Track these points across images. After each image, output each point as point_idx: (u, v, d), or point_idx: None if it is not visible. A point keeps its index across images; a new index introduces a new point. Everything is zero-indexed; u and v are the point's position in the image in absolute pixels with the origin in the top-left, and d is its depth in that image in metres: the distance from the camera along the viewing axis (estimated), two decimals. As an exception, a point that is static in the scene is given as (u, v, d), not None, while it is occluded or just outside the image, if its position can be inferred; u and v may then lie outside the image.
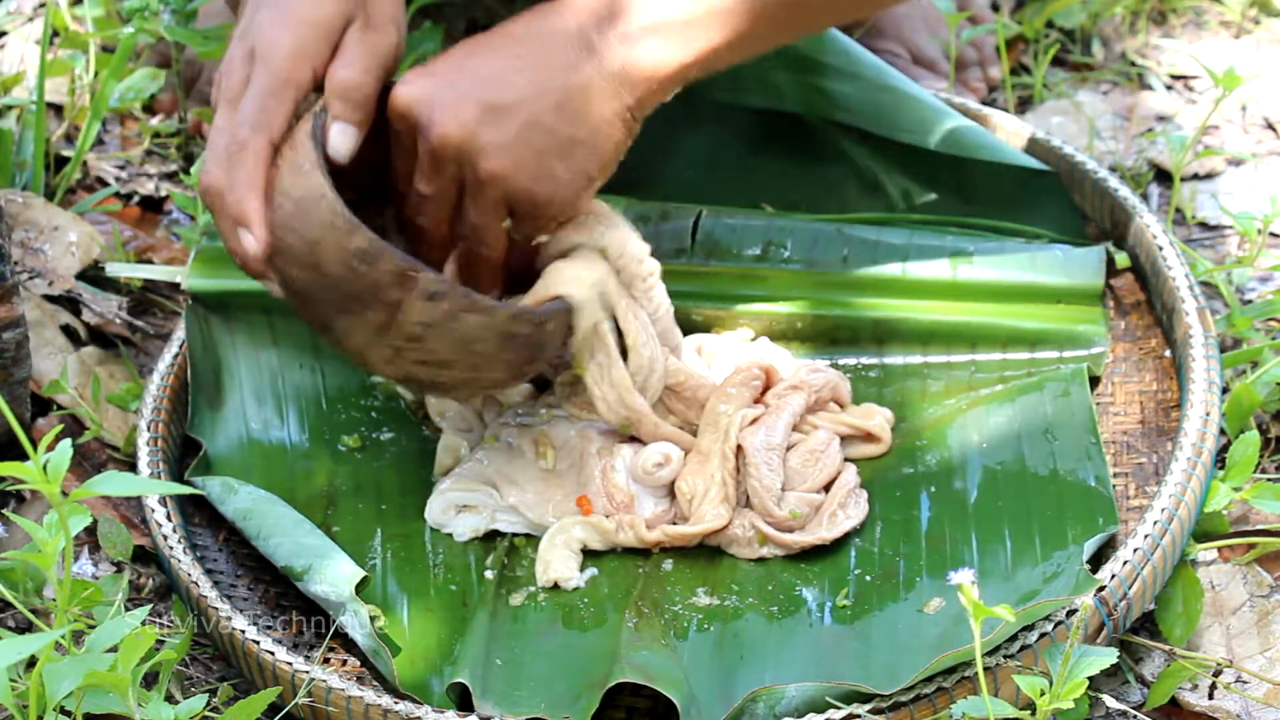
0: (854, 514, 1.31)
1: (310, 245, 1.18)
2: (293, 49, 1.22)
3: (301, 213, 1.18)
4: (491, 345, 1.21)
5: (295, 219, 1.18)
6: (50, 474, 1.02)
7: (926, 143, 1.50)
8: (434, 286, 1.17)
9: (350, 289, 1.18)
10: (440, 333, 1.19)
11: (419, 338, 1.19)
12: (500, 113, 1.21)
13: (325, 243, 1.17)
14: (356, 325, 1.19)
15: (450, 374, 1.22)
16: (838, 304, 1.43)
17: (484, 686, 1.19)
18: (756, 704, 1.17)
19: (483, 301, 1.19)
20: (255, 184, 1.20)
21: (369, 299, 1.18)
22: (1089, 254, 1.44)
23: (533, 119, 1.21)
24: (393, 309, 1.18)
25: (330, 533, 1.31)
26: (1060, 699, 1.08)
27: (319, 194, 1.17)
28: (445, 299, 1.18)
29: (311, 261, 1.18)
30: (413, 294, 1.17)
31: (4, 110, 1.65)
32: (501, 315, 1.20)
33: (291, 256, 1.19)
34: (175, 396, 1.39)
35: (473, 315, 1.19)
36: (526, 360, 1.25)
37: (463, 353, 1.21)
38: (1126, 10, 1.84)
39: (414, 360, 1.21)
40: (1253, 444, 1.28)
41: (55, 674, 1.05)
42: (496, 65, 1.22)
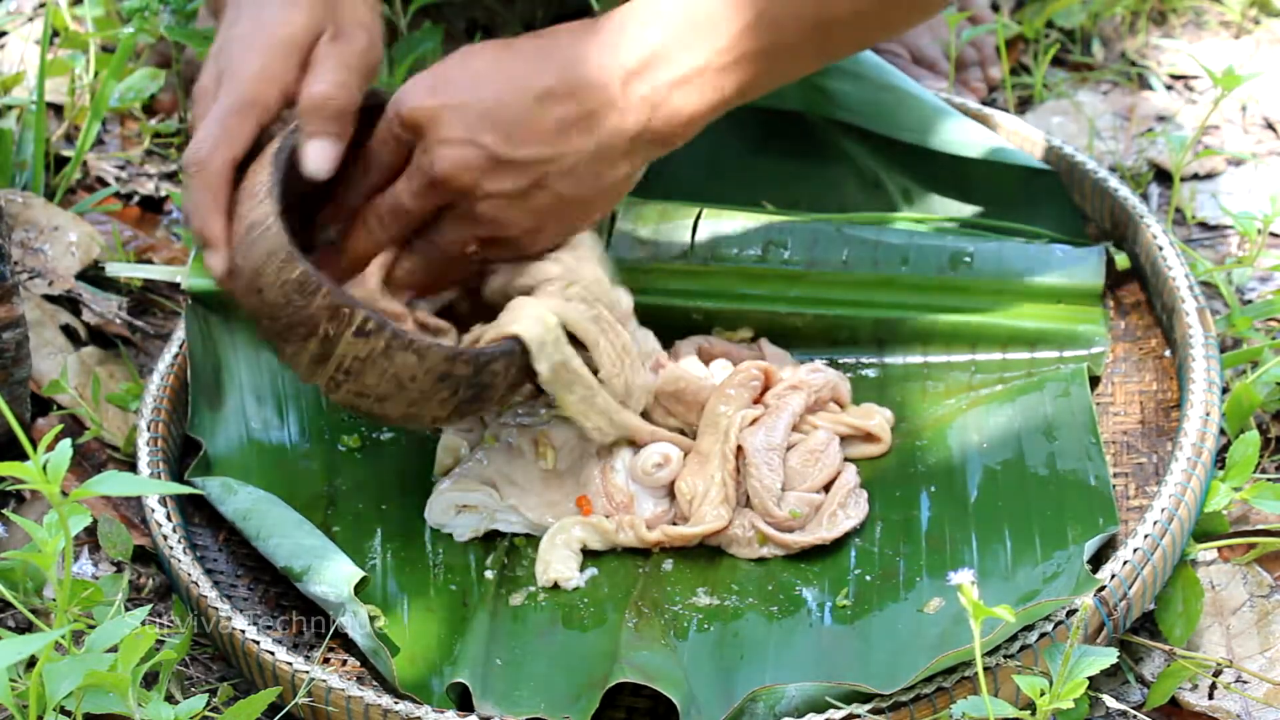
0: (854, 514, 1.31)
1: (254, 271, 1.19)
2: (258, 69, 1.21)
3: (250, 238, 1.19)
4: (426, 384, 1.21)
5: (244, 244, 1.19)
6: (50, 474, 1.02)
7: (926, 143, 1.50)
8: (367, 324, 1.18)
9: (289, 318, 1.19)
10: (374, 369, 1.20)
11: (354, 371, 1.20)
12: (505, 168, 1.19)
13: (266, 270, 1.18)
14: (297, 353, 1.20)
15: (389, 407, 1.22)
16: (838, 304, 1.43)
17: (484, 686, 1.19)
18: (756, 704, 1.17)
19: (419, 341, 1.19)
20: (217, 204, 1.20)
21: (306, 330, 1.19)
22: (1089, 254, 1.44)
23: (538, 179, 1.19)
24: (328, 342, 1.19)
25: (330, 533, 1.31)
26: (1060, 699, 1.08)
27: (265, 222, 1.18)
28: (377, 336, 1.18)
29: (255, 286, 1.19)
30: (347, 330, 1.18)
31: (4, 110, 1.65)
32: (436, 356, 1.20)
33: (240, 279, 1.20)
34: (175, 396, 1.39)
35: (406, 354, 1.19)
36: (468, 400, 1.23)
37: (397, 389, 1.21)
38: (1126, 10, 1.84)
39: (352, 392, 1.21)
40: (1253, 444, 1.28)
41: (55, 674, 1.05)
42: (509, 94, 1.18)
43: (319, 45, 1.23)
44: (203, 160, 1.20)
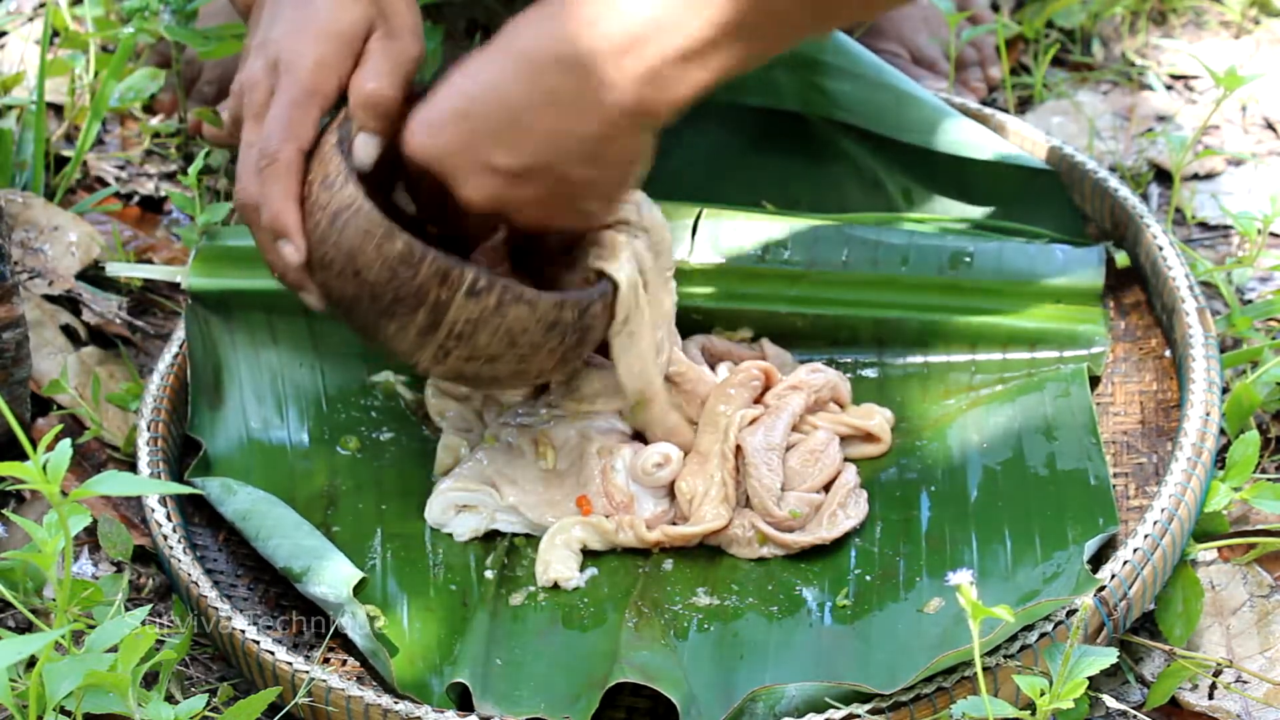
0: (854, 514, 1.31)
1: (349, 255, 1.19)
2: (316, 60, 1.22)
3: (338, 224, 1.19)
4: (537, 335, 1.22)
5: (332, 231, 1.19)
6: (50, 474, 1.02)
7: (926, 142, 1.50)
8: (478, 282, 1.19)
9: (394, 293, 1.19)
10: (486, 327, 1.20)
11: (465, 335, 1.20)
12: (522, 177, 1.19)
13: (364, 251, 1.18)
14: (403, 328, 1.20)
15: (499, 367, 1.23)
16: (838, 304, 1.43)
17: (484, 686, 1.19)
18: (756, 704, 1.17)
19: (526, 292, 1.20)
20: (290, 194, 1.21)
21: (413, 301, 1.19)
22: (1089, 254, 1.44)
23: (559, 175, 1.19)
24: (438, 309, 1.19)
25: (330, 533, 1.31)
26: (1060, 699, 1.08)
27: (353, 204, 1.19)
28: (489, 293, 1.19)
29: (352, 270, 1.19)
30: (457, 292, 1.19)
31: (4, 110, 1.65)
32: (545, 304, 1.21)
33: (332, 268, 1.20)
34: (175, 396, 1.39)
35: (517, 307, 1.20)
36: (574, 345, 1.25)
37: (510, 345, 1.21)
38: (1126, 10, 1.84)
39: (462, 357, 1.22)
40: (1253, 444, 1.28)
41: (55, 674, 1.05)
42: (503, 112, 1.18)
43: (372, 42, 1.24)
44: (274, 153, 1.21)
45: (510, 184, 1.19)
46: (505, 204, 1.21)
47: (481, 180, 1.19)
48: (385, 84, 1.23)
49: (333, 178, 1.20)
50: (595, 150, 1.18)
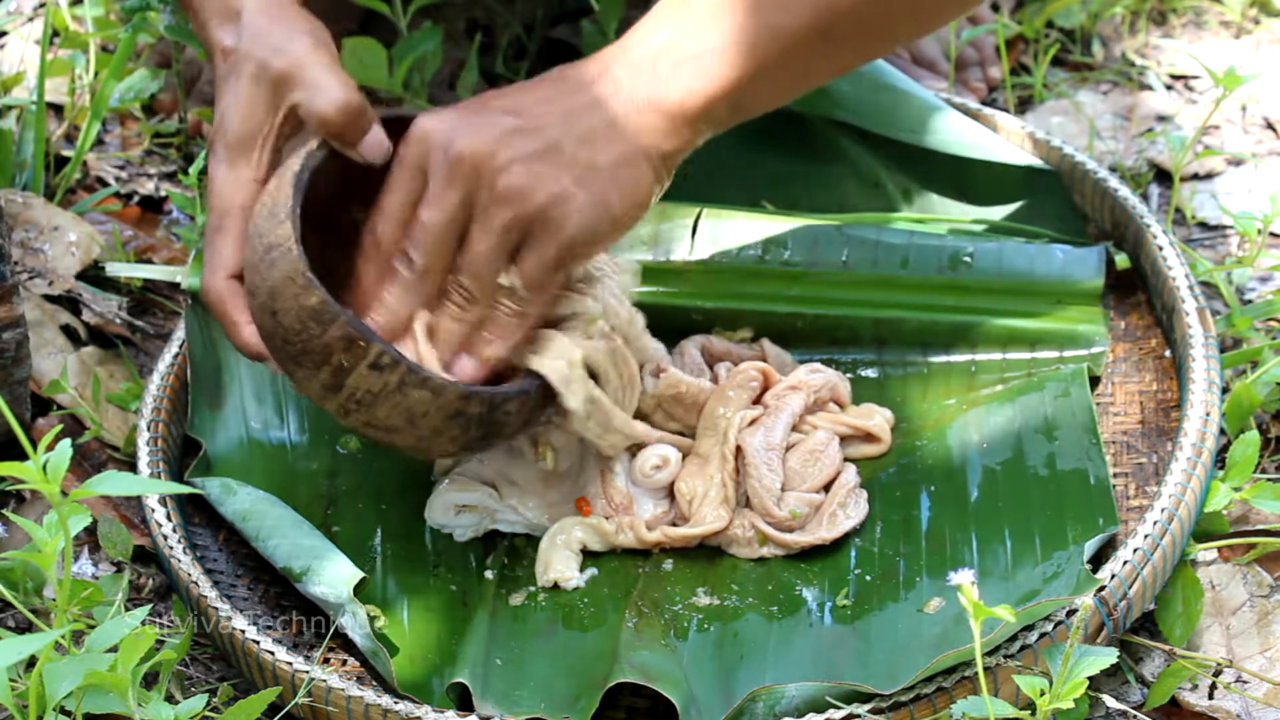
0: (854, 514, 1.31)
1: (271, 293, 1.18)
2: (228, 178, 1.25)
3: (268, 259, 1.18)
4: (438, 420, 1.19)
5: (264, 264, 1.18)
6: (50, 474, 1.02)
7: (926, 143, 1.50)
8: (382, 358, 1.17)
9: (302, 344, 1.17)
10: (386, 402, 1.18)
11: (366, 403, 1.18)
12: (522, 133, 1.19)
13: (284, 294, 1.17)
14: (308, 379, 1.19)
15: (397, 439, 1.21)
16: (838, 304, 1.43)
17: (484, 686, 1.19)
18: (756, 704, 1.17)
19: (433, 378, 1.18)
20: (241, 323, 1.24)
21: (318, 358, 1.17)
22: (1089, 254, 1.44)
23: (555, 142, 1.19)
24: (340, 372, 1.17)
25: (330, 533, 1.31)
26: (1060, 699, 1.08)
27: (285, 244, 1.17)
28: (392, 371, 1.17)
29: (270, 309, 1.18)
30: (361, 361, 1.17)
31: (4, 110, 1.65)
32: (451, 394, 1.19)
33: (255, 298, 1.20)
34: (175, 396, 1.39)
35: (419, 390, 1.18)
36: (479, 438, 1.22)
37: (409, 423, 1.20)
38: (1126, 10, 1.84)
39: (362, 421, 1.20)
40: (1253, 444, 1.28)
41: (55, 674, 1.05)
42: (521, 100, 1.21)
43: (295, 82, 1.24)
44: (205, 289, 1.25)
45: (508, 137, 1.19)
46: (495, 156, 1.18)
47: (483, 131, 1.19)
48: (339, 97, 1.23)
49: (278, 208, 1.19)
50: (600, 132, 1.19)
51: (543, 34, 1.77)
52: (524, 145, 1.19)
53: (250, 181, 1.25)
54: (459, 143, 1.19)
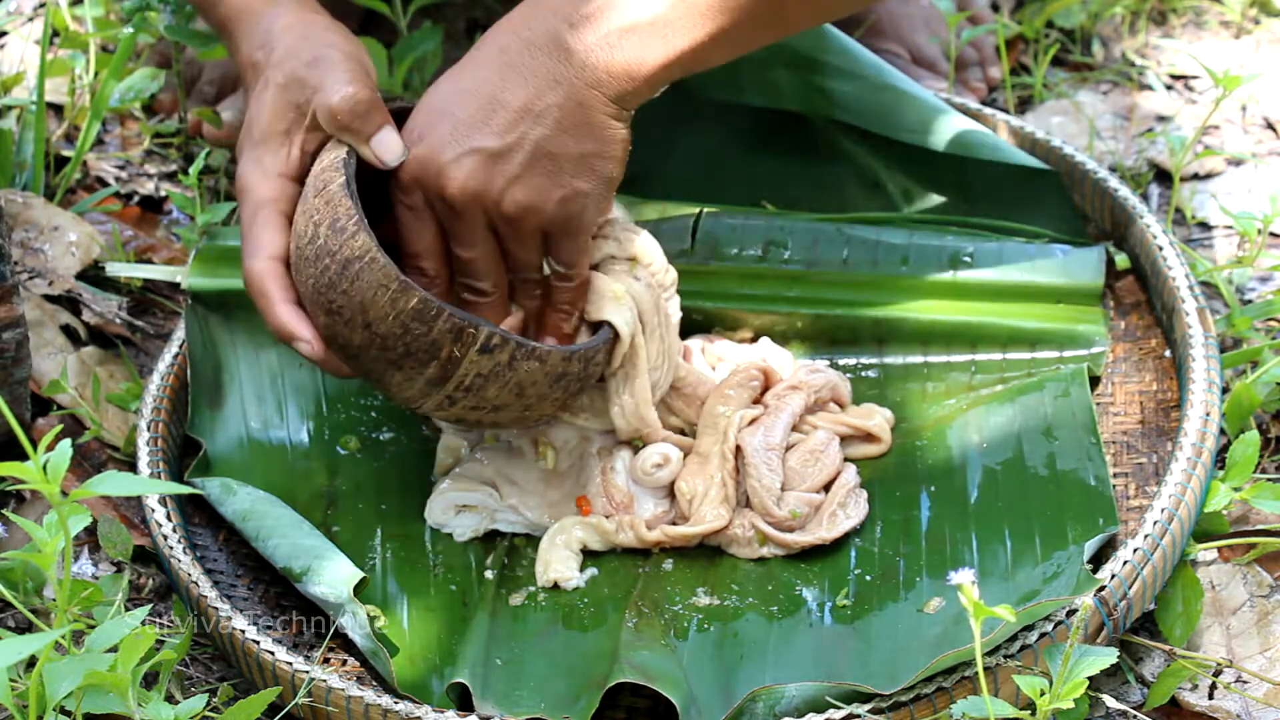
0: (854, 514, 1.31)
1: (361, 306, 1.19)
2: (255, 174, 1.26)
3: (349, 274, 1.19)
4: (544, 387, 1.23)
5: (343, 280, 1.19)
6: (50, 474, 1.02)
7: (926, 143, 1.50)
8: (493, 340, 1.19)
9: (405, 347, 1.19)
10: (496, 381, 1.21)
11: (475, 388, 1.21)
12: (504, 155, 1.21)
13: (377, 304, 1.18)
14: (410, 379, 1.21)
15: (502, 415, 1.24)
16: (838, 304, 1.43)
17: (484, 686, 1.19)
18: (756, 704, 1.17)
19: (538, 348, 1.21)
20: (277, 300, 1.24)
21: (425, 356, 1.19)
22: (1089, 254, 1.44)
23: (536, 149, 1.21)
24: (449, 364, 1.20)
25: (330, 533, 1.31)
26: (1060, 699, 1.08)
27: (366, 255, 1.18)
28: (502, 350, 1.20)
29: (363, 321, 1.19)
30: (471, 348, 1.19)
31: (4, 110, 1.65)
32: (555, 358, 1.22)
33: (340, 315, 1.20)
34: (175, 396, 1.39)
35: (528, 362, 1.21)
36: (574, 393, 1.27)
37: (517, 396, 1.23)
38: (1126, 10, 1.84)
39: (468, 406, 1.23)
40: (1253, 444, 1.28)
41: (55, 674, 1.05)
42: (481, 99, 1.22)
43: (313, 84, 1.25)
44: (249, 271, 1.25)
45: (492, 163, 1.21)
46: (491, 186, 1.21)
47: (466, 165, 1.21)
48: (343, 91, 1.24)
49: (343, 222, 1.19)
50: (570, 119, 1.21)
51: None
52: (510, 167, 1.21)
53: (277, 176, 1.26)
54: (450, 187, 1.22)
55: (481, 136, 1.21)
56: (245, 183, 1.27)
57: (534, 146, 1.21)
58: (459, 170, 1.21)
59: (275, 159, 1.27)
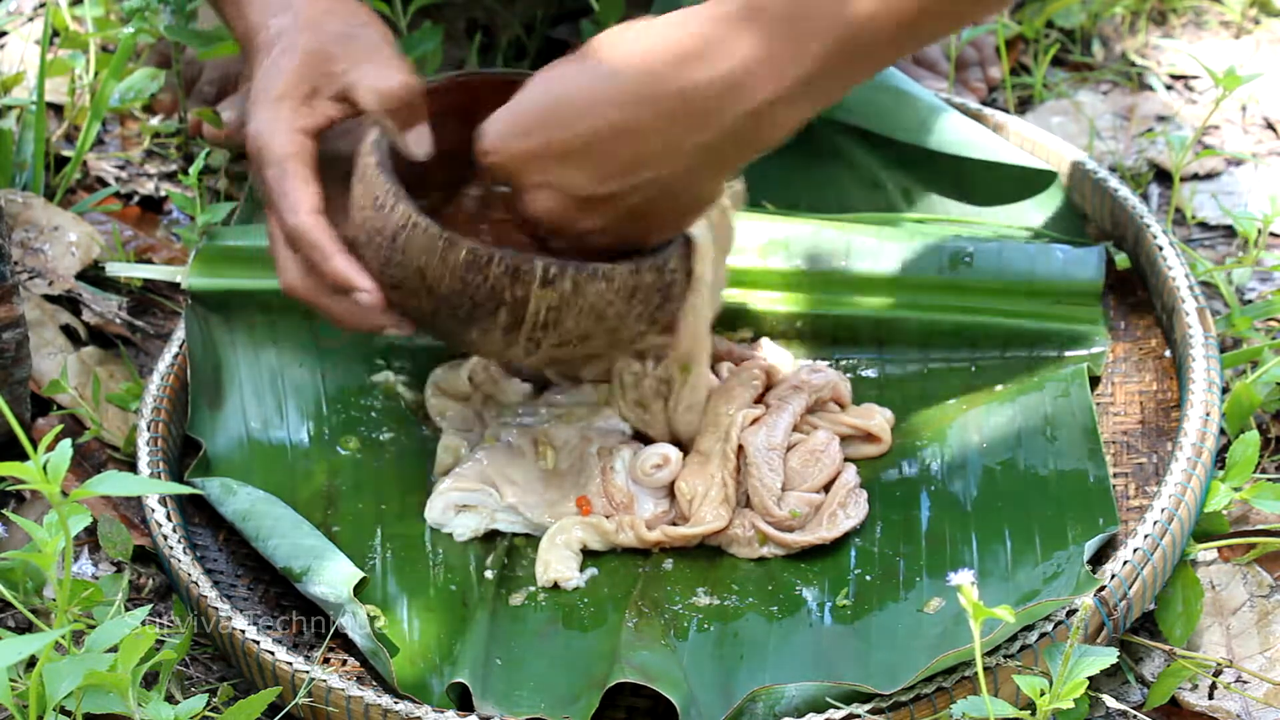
0: (854, 514, 1.31)
1: (418, 272, 1.19)
2: (273, 130, 1.24)
3: (398, 245, 1.20)
4: (621, 305, 1.22)
5: (395, 253, 1.20)
6: (50, 474, 1.02)
7: (926, 143, 1.50)
8: (550, 271, 1.19)
9: (470, 300, 1.20)
10: (570, 311, 1.21)
11: (551, 323, 1.21)
12: (593, 204, 1.17)
13: (431, 265, 1.19)
14: (487, 331, 1.21)
15: (592, 344, 1.24)
16: (838, 304, 1.43)
17: (484, 686, 1.19)
18: (756, 704, 1.17)
19: (600, 268, 1.20)
20: (331, 253, 1.22)
21: (491, 304, 1.20)
22: (1089, 254, 1.44)
23: (630, 208, 1.18)
24: (517, 305, 1.20)
25: (330, 533, 1.31)
26: (1060, 699, 1.08)
27: (410, 222, 1.19)
28: (563, 278, 1.19)
29: (424, 287, 1.20)
30: (532, 285, 1.19)
31: (4, 110, 1.65)
32: (621, 273, 1.21)
33: (403, 287, 1.21)
34: (175, 396, 1.39)
35: (594, 284, 1.20)
36: (659, 305, 1.25)
37: (597, 321, 1.22)
38: (1126, 10, 1.84)
39: (554, 344, 1.22)
40: (1253, 444, 1.28)
41: (55, 674, 1.05)
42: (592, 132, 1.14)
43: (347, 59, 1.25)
44: (295, 230, 1.22)
45: (577, 208, 1.18)
46: (567, 226, 1.20)
47: (547, 198, 1.18)
48: (394, 80, 1.24)
49: (382, 199, 1.20)
50: (673, 189, 1.17)
51: (543, 34, 1.77)
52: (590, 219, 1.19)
53: (298, 131, 1.24)
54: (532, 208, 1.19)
55: (574, 176, 1.16)
56: (264, 140, 1.24)
57: (628, 207, 1.18)
58: (542, 202, 1.18)
59: (296, 116, 1.25)
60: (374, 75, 1.25)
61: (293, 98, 1.25)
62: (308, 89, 1.25)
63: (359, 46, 1.25)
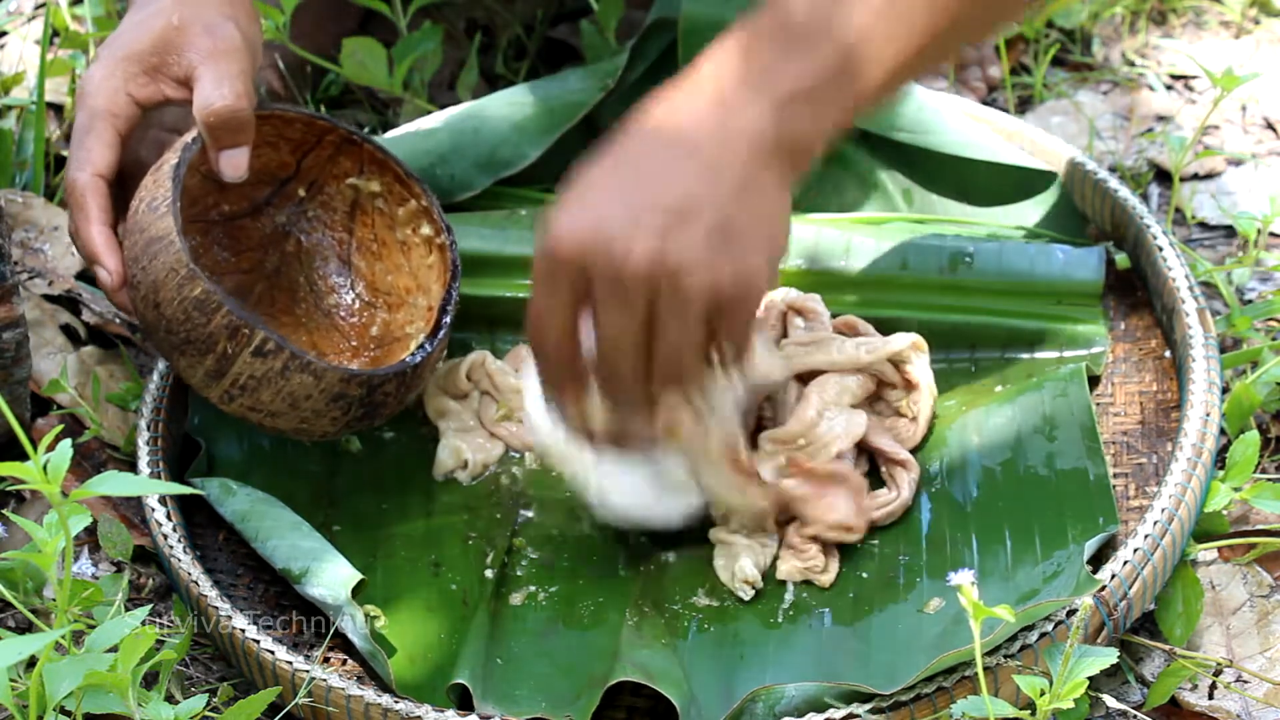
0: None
1: (153, 285, 1.22)
2: (102, 83, 1.25)
3: (149, 252, 1.22)
4: (320, 403, 1.24)
5: (145, 257, 1.22)
6: (50, 474, 1.02)
7: (926, 143, 1.50)
8: (266, 344, 1.21)
9: (186, 334, 1.22)
10: (269, 387, 1.23)
11: (249, 388, 1.23)
12: (685, 218, 1.09)
13: (167, 286, 1.21)
14: (192, 367, 1.23)
15: (280, 422, 1.26)
16: (838, 304, 1.43)
17: (484, 687, 1.19)
18: (756, 704, 1.17)
19: (315, 363, 1.22)
20: (91, 219, 1.24)
21: (203, 346, 1.21)
22: (1089, 254, 1.44)
23: (718, 217, 1.09)
24: (225, 359, 1.22)
25: (330, 532, 1.31)
26: (1060, 699, 1.08)
27: (167, 237, 1.21)
28: (276, 357, 1.22)
29: (154, 300, 1.22)
30: (245, 349, 1.21)
31: (4, 110, 1.65)
32: (332, 377, 1.23)
33: (138, 291, 1.23)
34: (175, 396, 1.39)
35: (301, 375, 1.23)
36: (359, 417, 1.27)
37: (291, 407, 1.24)
38: (1126, 10, 1.84)
39: (246, 405, 1.24)
40: (1253, 444, 1.28)
41: (55, 674, 1.05)
42: (656, 167, 1.11)
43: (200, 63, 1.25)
44: (70, 183, 1.25)
45: (672, 231, 1.09)
46: (670, 263, 1.09)
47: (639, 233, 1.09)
48: (230, 97, 1.24)
49: (158, 202, 1.23)
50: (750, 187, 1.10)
51: (543, 34, 1.77)
52: (690, 233, 1.10)
53: (124, 94, 1.25)
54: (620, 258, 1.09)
55: (657, 198, 1.09)
56: (91, 88, 1.25)
57: (715, 216, 1.09)
58: (632, 239, 1.08)
59: (132, 80, 1.25)
60: (209, 84, 1.25)
61: (137, 61, 1.26)
62: (156, 60, 1.26)
63: (215, 41, 1.25)
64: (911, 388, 1.35)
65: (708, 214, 1.10)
